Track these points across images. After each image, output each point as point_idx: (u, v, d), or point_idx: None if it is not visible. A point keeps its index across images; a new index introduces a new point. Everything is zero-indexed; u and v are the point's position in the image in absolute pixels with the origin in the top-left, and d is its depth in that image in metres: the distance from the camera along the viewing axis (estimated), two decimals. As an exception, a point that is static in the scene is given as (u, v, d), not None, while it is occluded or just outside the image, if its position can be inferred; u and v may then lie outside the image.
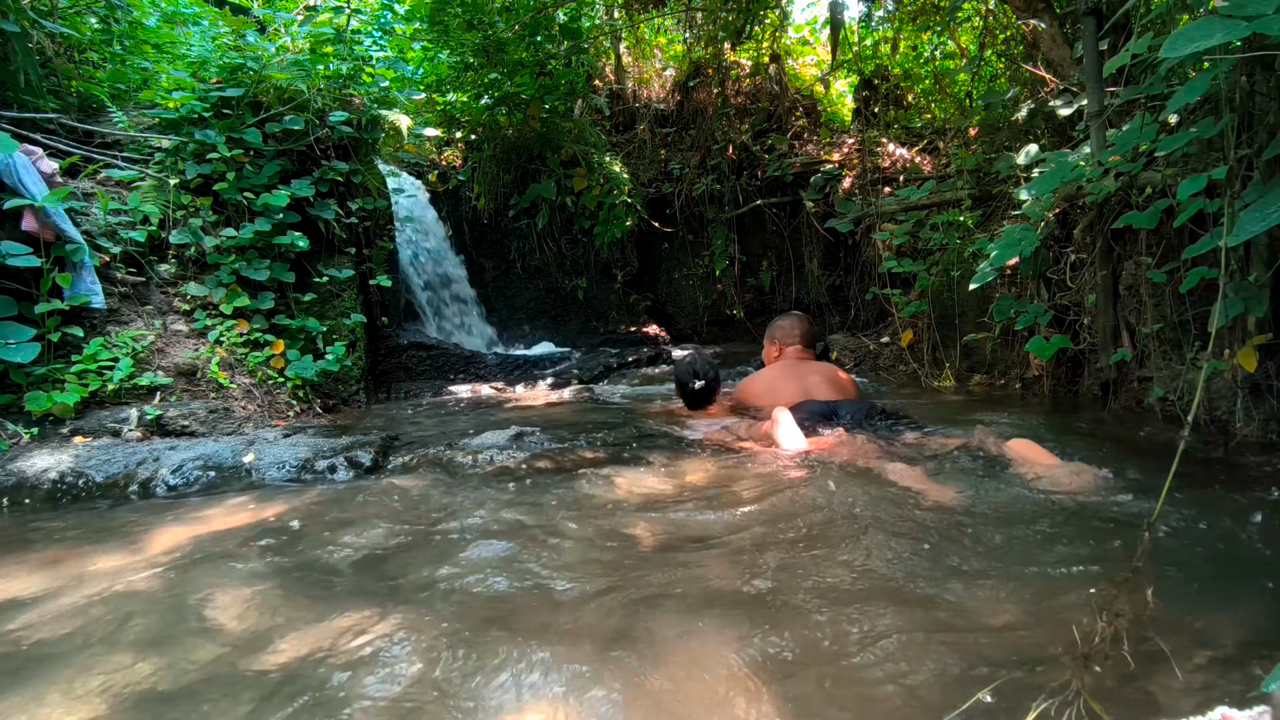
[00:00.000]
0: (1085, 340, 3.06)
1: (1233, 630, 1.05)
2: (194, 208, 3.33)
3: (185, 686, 1.00)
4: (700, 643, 1.06)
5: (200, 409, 2.79)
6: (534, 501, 1.81)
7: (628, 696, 0.93)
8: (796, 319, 3.09)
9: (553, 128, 5.57)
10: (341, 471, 2.14)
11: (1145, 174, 2.46)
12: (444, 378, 4.42)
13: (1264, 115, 1.96)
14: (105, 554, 1.54)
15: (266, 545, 1.56)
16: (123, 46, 3.92)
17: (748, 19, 6.33)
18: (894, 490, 1.76)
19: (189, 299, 3.19)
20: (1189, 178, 1.97)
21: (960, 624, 1.09)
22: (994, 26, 4.39)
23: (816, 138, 6.14)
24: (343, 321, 3.70)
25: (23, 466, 2.10)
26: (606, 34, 6.52)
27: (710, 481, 1.93)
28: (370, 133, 3.99)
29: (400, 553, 1.48)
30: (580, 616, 1.15)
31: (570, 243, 5.85)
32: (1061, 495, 1.69)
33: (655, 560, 1.38)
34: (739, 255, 6.17)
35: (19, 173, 2.60)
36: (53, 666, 1.06)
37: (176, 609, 1.25)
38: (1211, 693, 0.89)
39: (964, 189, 4.29)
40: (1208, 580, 1.22)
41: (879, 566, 1.30)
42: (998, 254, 2.70)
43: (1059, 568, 1.28)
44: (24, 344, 2.53)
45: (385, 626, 1.14)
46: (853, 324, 5.53)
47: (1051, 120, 3.48)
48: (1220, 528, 1.49)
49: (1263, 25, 1.34)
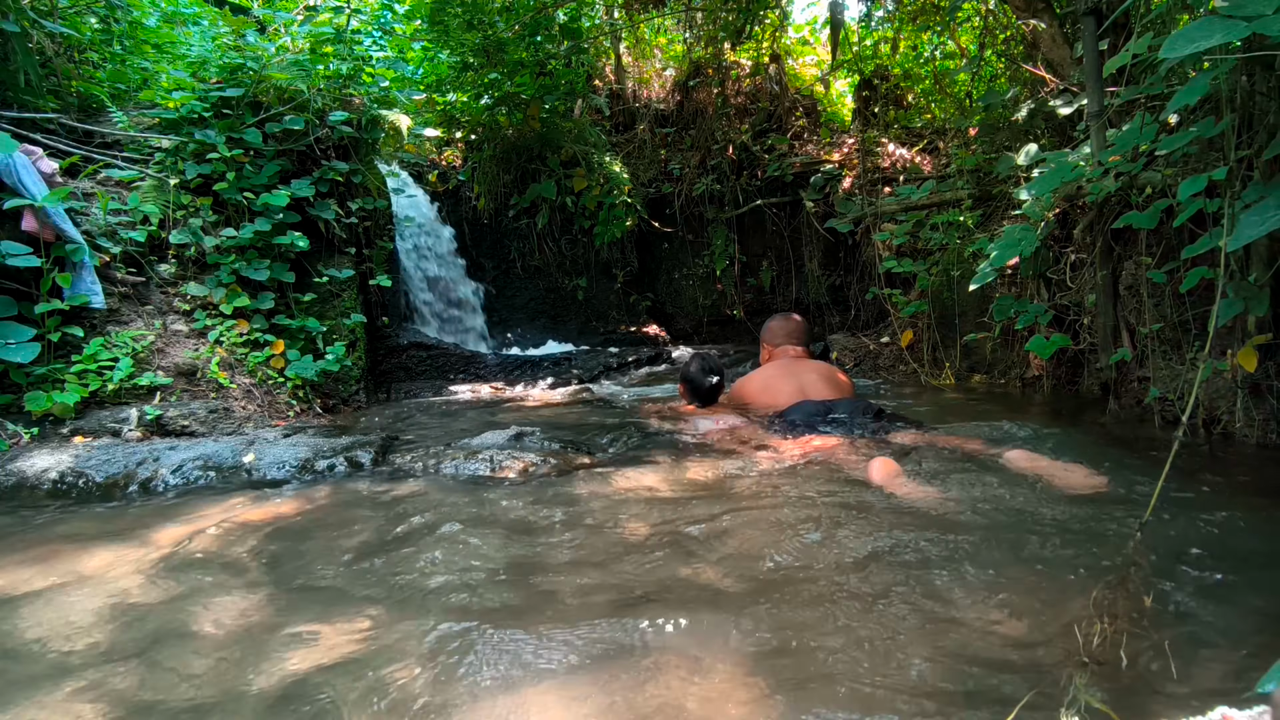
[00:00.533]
0: (1085, 340, 3.06)
1: (1232, 630, 1.05)
2: (194, 208, 3.33)
3: (185, 687, 1.00)
4: (700, 643, 1.06)
5: (200, 409, 2.79)
6: (534, 501, 1.81)
7: (628, 697, 0.93)
8: (788, 319, 3.09)
9: (553, 128, 5.57)
10: (341, 471, 2.14)
11: (1145, 174, 2.46)
12: (444, 378, 4.42)
13: (1264, 115, 1.96)
14: (105, 554, 1.54)
15: (266, 545, 1.56)
16: (123, 46, 3.93)
17: (748, 19, 6.33)
18: (893, 491, 1.76)
19: (189, 299, 3.19)
20: (1189, 178, 1.97)
21: (961, 624, 1.09)
22: (994, 26, 4.39)
23: (816, 138, 6.13)
24: (343, 321, 3.70)
25: (23, 466, 2.10)
26: (606, 34, 6.52)
27: (710, 481, 1.93)
28: (370, 133, 3.99)
29: (400, 553, 1.48)
30: (581, 617, 1.15)
31: (570, 243, 5.85)
32: (1059, 495, 1.69)
33: (655, 560, 1.38)
34: (739, 255, 6.17)
35: (19, 173, 2.61)
36: (52, 666, 1.06)
37: (176, 609, 1.25)
38: (1211, 693, 0.89)
39: (964, 189, 4.29)
40: (1207, 580, 1.22)
41: (879, 567, 1.30)
42: (998, 254, 2.70)
43: (1057, 568, 1.28)
44: (24, 344, 2.53)
45: (385, 627, 1.14)
46: (853, 324, 5.53)
47: (1051, 120, 3.48)
48: (1219, 527, 1.49)
49: (1262, 25, 1.34)
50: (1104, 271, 2.78)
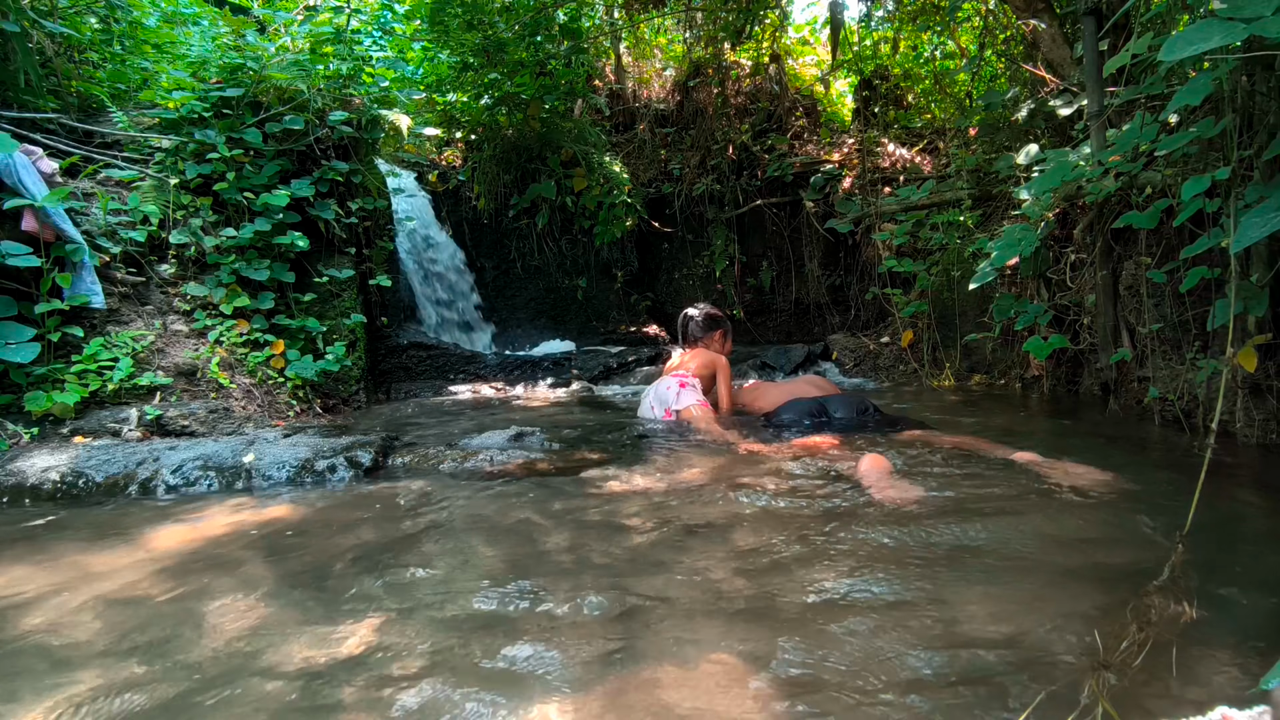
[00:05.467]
0: (1085, 340, 3.06)
1: (1232, 629, 1.05)
2: (194, 208, 3.33)
3: (184, 688, 1.00)
4: (701, 643, 1.06)
5: (200, 409, 2.79)
6: (534, 502, 1.81)
7: (628, 697, 0.93)
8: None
9: (553, 128, 5.57)
10: (341, 472, 2.14)
11: (1145, 174, 2.46)
12: (444, 378, 4.42)
13: (1264, 115, 1.96)
14: (105, 554, 1.54)
15: (266, 545, 1.56)
16: (123, 46, 3.92)
17: (748, 19, 6.33)
18: (887, 490, 1.76)
19: (189, 299, 3.19)
20: (1193, 178, 1.97)
21: (962, 625, 1.09)
22: (994, 26, 4.39)
23: (816, 138, 6.13)
24: (343, 321, 3.70)
25: (23, 466, 2.10)
26: (606, 34, 6.52)
27: (709, 481, 1.93)
28: (370, 133, 3.99)
29: (400, 553, 1.48)
30: (581, 617, 1.15)
31: (570, 243, 5.85)
32: (1061, 495, 1.69)
33: (655, 560, 1.38)
34: (739, 255, 6.17)
35: (19, 173, 2.60)
36: (52, 667, 1.06)
37: (176, 610, 1.25)
38: (1211, 692, 0.89)
39: (964, 189, 4.29)
40: (1207, 579, 1.22)
41: (880, 568, 1.30)
42: (998, 254, 2.71)
43: (1060, 568, 1.28)
44: (24, 344, 2.53)
45: (384, 627, 1.15)
46: (853, 324, 5.53)
47: (1051, 120, 3.48)
48: (1219, 527, 1.49)
49: (1261, 27, 1.34)
50: (1104, 271, 2.78)
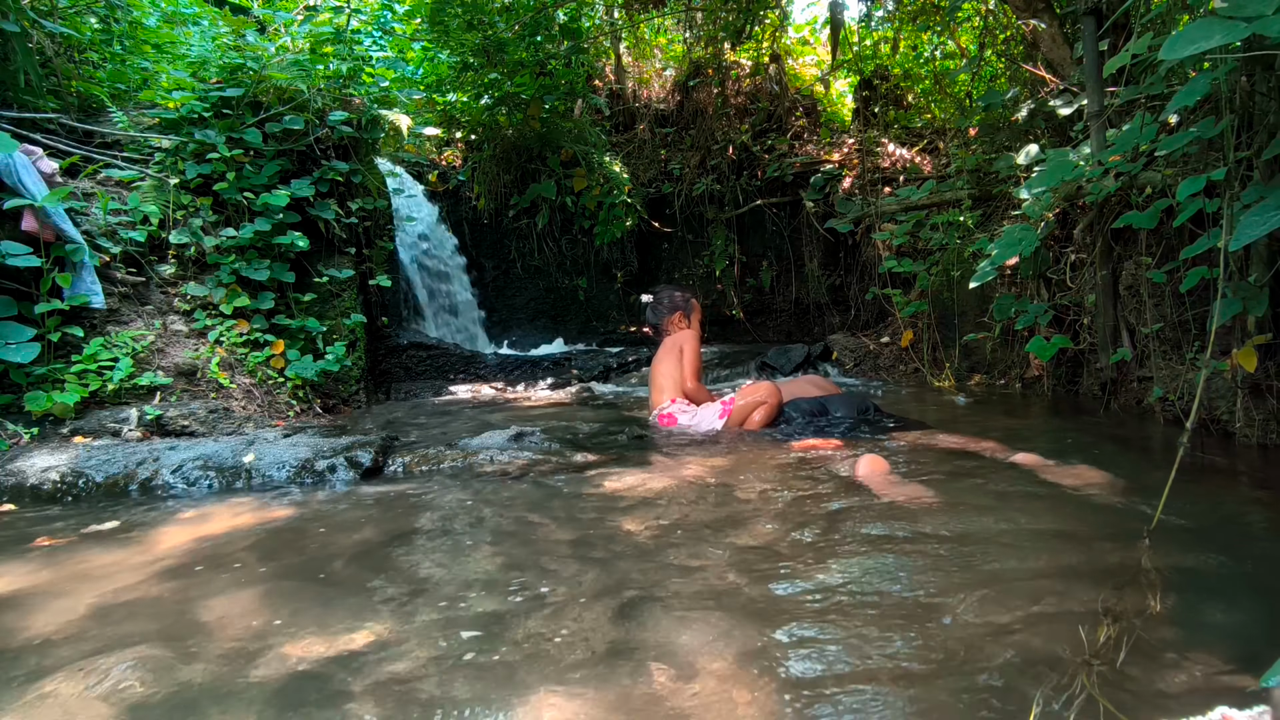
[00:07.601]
0: (1085, 340, 3.06)
1: (1232, 630, 1.05)
2: (194, 208, 3.33)
3: (184, 689, 1.00)
4: (701, 643, 1.06)
5: (200, 409, 2.79)
6: (534, 502, 1.81)
7: (628, 696, 0.93)
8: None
9: (553, 128, 5.57)
10: (341, 472, 2.14)
11: (1145, 174, 2.46)
12: (444, 378, 4.42)
13: (1264, 115, 1.96)
14: (105, 554, 1.54)
15: (266, 546, 1.56)
16: (123, 46, 3.92)
17: (748, 19, 6.33)
18: (886, 490, 1.76)
19: (189, 299, 3.19)
20: (1189, 178, 1.97)
21: (962, 624, 1.09)
22: (994, 26, 4.39)
23: (816, 138, 6.13)
24: (343, 321, 3.70)
25: (23, 466, 2.10)
26: (606, 34, 6.52)
27: (709, 481, 1.93)
28: (370, 133, 3.99)
29: (400, 553, 1.48)
30: (581, 616, 1.15)
31: (570, 243, 5.85)
32: (1061, 495, 1.69)
33: (655, 560, 1.38)
34: (739, 255, 6.16)
35: (19, 173, 2.60)
36: (52, 667, 1.06)
37: (176, 610, 1.25)
38: (1212, 693, 0.89)
39: (964, 189, 4.29)
40: (1207, 580, 1.22)
41: (880, 567, 1.30)
42: (998, 254, 2.70)
43: (1059, 567, 1.28)
44: (24, 344, 2.53)
45: (385, 627, 1.15)
46: (853, 324, 5.53)
47: (1051, 120, 3.49)
48: (1219, 527, 1.49)
49: (1262, 26, 1.34)
50: (1104, 271, 2.78)
